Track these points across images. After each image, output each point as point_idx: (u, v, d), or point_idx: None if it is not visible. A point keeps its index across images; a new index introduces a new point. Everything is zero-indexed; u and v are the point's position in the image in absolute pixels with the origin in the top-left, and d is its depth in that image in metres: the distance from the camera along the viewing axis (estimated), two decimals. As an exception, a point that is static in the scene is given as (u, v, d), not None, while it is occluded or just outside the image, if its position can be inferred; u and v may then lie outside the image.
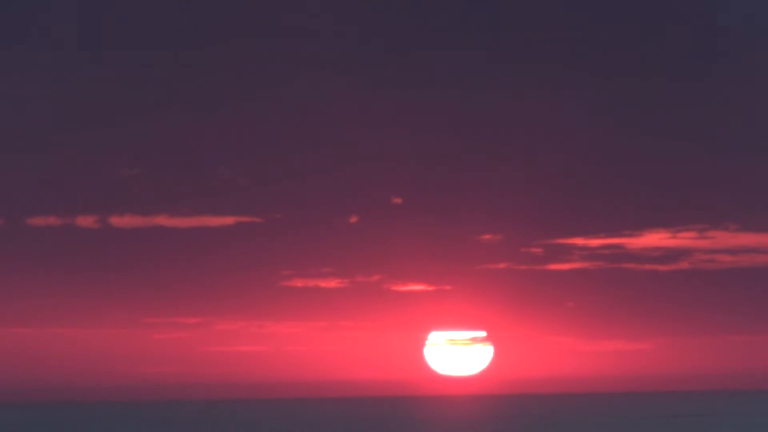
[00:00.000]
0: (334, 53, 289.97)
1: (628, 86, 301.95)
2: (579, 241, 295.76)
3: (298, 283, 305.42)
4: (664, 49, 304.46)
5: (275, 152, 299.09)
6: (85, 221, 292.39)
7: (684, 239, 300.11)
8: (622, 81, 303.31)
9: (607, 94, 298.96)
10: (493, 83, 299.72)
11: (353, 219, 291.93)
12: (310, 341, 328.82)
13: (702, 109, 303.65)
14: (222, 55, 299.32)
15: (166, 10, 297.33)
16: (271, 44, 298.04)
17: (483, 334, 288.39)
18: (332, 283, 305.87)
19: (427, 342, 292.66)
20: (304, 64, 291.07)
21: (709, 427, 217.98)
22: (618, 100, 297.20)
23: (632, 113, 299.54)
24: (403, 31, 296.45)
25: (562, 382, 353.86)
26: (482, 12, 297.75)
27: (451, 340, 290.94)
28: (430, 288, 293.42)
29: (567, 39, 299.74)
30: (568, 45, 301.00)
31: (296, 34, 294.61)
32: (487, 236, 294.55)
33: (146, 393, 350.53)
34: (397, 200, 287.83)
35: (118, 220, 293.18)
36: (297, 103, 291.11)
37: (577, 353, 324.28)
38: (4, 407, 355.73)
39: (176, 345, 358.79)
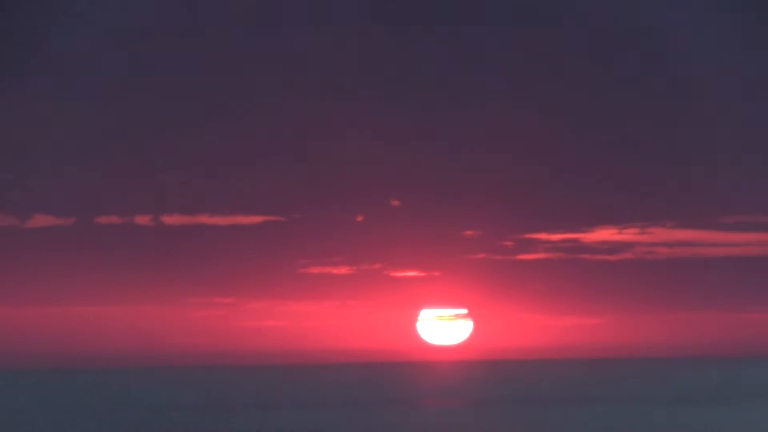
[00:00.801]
0: (340, 81, 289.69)
1: (583, 107, 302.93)
2: (543, 236, 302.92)
3: (314, 270, 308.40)
4: (614, 72, 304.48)
5: (294, 163, 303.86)
6: (142, 220, 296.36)
7: (628, 234, 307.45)
8: (574, 101, 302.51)
9: (569, 113, 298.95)
10: (476, 102, 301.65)
11: (359, 218, 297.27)
12: (323, 317, 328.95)
13: (643, 124, 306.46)
14: (248, 82, 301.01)
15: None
16: (282, 66, 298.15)
17: (464, 311, 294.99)
18: (342, 270, 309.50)
19: (419, 318, 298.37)
20: (314, 92, 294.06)
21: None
22: (573, 119, 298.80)
23: (584, 131, 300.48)
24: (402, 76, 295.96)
25: (530, 351, 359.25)
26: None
27: (439, 316, 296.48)
28: (422, 274, 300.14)
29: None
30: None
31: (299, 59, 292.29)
32: (468, 232, 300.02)
33: (189, 359, 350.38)
34: (395, 203, 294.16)
35: (168, 219, 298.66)
36: (313, 123, 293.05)
37: (542, 327, 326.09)
38: (78, 371, 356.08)
39: (213, 320, 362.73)
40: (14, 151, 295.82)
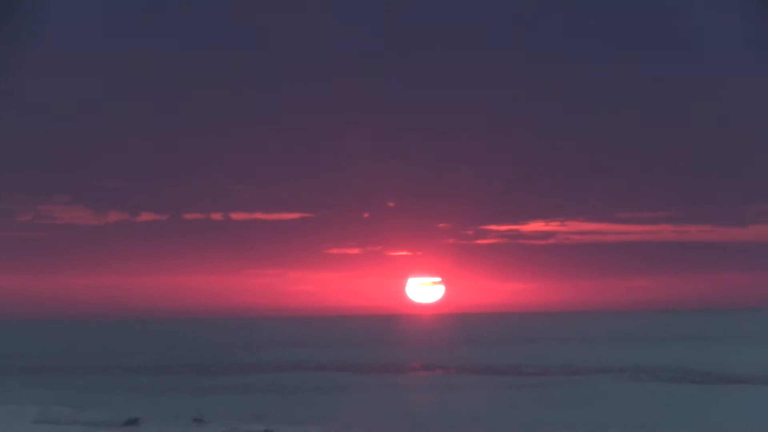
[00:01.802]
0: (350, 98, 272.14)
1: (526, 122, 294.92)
2: (493, 227, 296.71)
3: (334, 251, 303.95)
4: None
5: (320, 175, 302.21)
6: (216, 216, 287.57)
7: (552, 226, 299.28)
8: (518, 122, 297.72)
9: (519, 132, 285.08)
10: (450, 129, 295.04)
11: (366, 215, 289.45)
12: (341, 284, 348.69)
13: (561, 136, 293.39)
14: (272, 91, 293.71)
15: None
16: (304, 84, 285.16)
17: (439, 279, 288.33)
18: (354, 251, 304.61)
19: (407, 284, 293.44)
20: (331, 108, 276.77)
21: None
22: (518, 134, 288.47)
23: (533, 145, 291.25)
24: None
25: (485, 306, 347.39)
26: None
27: (421, 283, 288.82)
28: (410, 253, 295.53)
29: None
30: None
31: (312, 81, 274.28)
32: (442, 224, 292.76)
33: (248, 313, 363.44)
34: (391, 204, 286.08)
35: (234, 215, 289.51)
36: (334, 143, 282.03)
37: (493, 290, 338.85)
38: (172, 321, 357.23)
39: (265, 286, 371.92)
40: (127, 164, 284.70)
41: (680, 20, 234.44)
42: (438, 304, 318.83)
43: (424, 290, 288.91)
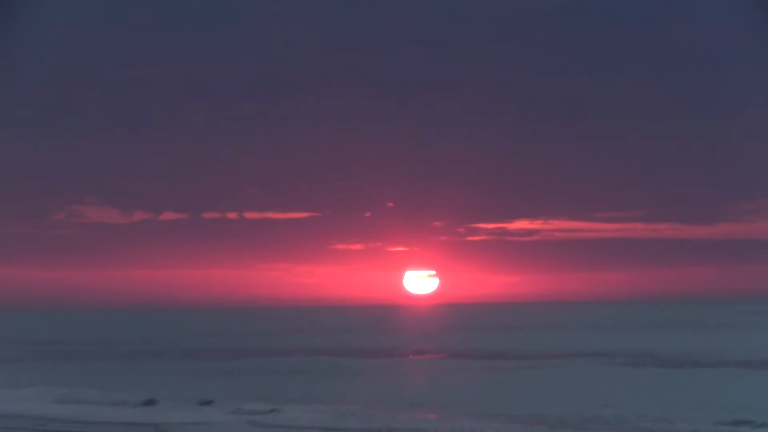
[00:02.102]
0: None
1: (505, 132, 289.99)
2: (482, 225, 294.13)
3: (339, 246, 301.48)
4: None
5: (326, 178, 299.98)
6: (231, 215, 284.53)
7: (536, 224, 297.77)
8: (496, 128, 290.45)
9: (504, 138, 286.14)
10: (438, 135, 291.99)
11: (367, 214, 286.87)
12: (344, 277, 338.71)
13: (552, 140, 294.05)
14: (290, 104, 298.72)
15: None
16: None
17: (433, 272, 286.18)
18: (357, 247, 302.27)
19: (404, 277, 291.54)
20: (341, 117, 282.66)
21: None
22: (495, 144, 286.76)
23: (518, 150, 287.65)
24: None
25: (476, 297, 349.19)
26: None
27: (417, 275, 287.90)
28: (408, 249, 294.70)
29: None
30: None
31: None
32: (437, 223, 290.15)
33: (259, 303, 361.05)
34: (390, 204, 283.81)
35: (248, 215, 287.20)
36: (337, 150, 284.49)
37: (483, 282, 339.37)
38: (191, 310, 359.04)
39: (275, 278, 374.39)
40: (150, 168, 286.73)
41: (655, 33, 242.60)
42: (433, 296, 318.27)
43: (420, 282, 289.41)
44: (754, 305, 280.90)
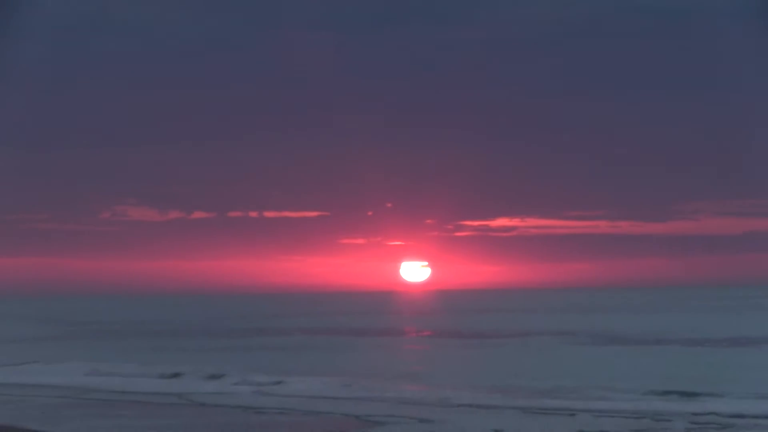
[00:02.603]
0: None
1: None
2: (468, 222, 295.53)
3: (346, 241, 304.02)
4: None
5: (335, 184, 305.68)
6: (253, 214, 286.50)
7: (514, 221, 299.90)
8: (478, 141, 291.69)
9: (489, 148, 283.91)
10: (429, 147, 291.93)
11: (370, 213, 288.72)
12: (351, 266, 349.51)
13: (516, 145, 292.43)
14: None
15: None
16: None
17: (426, 263, 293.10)
18: (360, 241, 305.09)
19: (401, 267, 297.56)
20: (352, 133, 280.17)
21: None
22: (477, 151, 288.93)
23: (499, 157, 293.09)
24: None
25: (463, 284, 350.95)
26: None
27: (412, 266, 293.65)
28: (404, 243, 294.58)
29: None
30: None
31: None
32: (429, 221, 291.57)
33: (277, 289, 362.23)
34: (389, 205, 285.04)
35: (267, 213, 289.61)
36: (346, 160, 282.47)
37: (469, 271, 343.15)
38: (213, 296, 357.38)
39: (291, 269, 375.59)
40: (184, 174, 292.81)
41: (609, 58, 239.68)
42: (425, 283, 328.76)
43: (415, 272, 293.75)
44: (700, 291, 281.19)
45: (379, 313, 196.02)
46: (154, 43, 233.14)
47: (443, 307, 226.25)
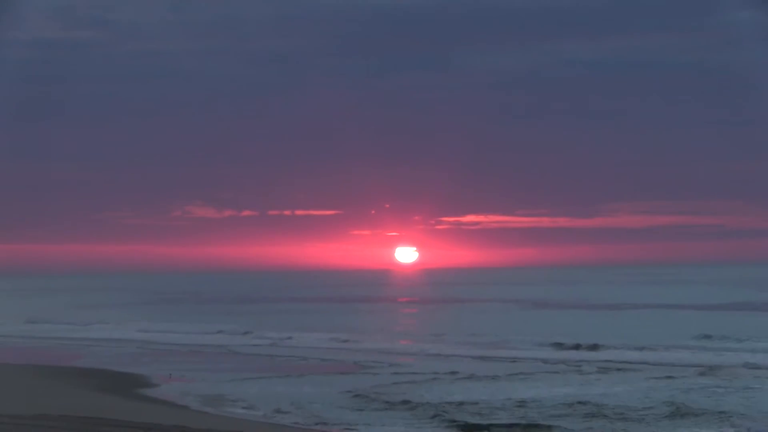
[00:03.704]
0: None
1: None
2: (445, 218, 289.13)
3: (355, 232, 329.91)
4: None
5: (346, 187, 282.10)
6: (287, 212, 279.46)
7: (479, 218, 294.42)
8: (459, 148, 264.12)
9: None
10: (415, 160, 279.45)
11: (373, 211, 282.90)
12: (358, 251, 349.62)
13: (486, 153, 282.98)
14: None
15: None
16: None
17: (414, 248, 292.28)
18: (366, 233, 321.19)
19: (396, 251, 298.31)
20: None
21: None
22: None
23: (471, 167, 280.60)
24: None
25: (441, 264, 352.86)
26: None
27: (404, 251, 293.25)
28: (398, 233, 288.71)
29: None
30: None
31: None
32: (416, 217, 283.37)
33: (302, 269, 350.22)
34: (387, 205, 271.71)
35: (297, 212, 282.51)
36: (354, 169, 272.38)
37: (445, 255, 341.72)
38: (255, 273, 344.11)
39: (312, 252, 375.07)
40: (234, 182, 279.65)
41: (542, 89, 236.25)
42: (414, 264, 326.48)
43: (406, 255, 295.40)
44: (616, 269, 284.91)
45: (377, 285, 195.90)
46: (214, 88, 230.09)
47: (426, 281, 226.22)
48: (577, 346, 51.82)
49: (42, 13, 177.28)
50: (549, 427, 25.66)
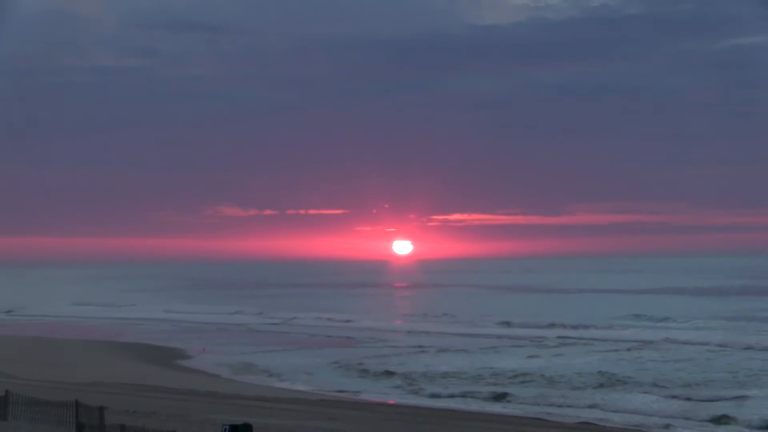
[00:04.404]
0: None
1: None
2: (435, 217, 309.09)
3: (359, 228, 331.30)
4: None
5: (351, 191, 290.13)
6: (302, 211, 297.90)
7: (464, 216, 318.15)
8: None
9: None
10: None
11: (374, 211, 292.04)
12: (361, 244, 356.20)
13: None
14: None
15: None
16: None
17: (409, 242, 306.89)
18: (368, 229, 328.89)
19: (393, 244, 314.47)
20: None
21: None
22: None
23: (456, 173, 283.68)
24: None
25: (431, 256, 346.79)
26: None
27: (401, 244, 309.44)
28: (396, 230, 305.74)
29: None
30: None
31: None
32: (411, 216, 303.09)
33: (313, 260, 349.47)
34: (386, 205, 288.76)
35: (310, 211, 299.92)
36: (361, 176, 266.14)
37: (434, 248, 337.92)
38: (274, 263, 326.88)
39: (322, 245, 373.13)
40: (257, 186, 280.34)
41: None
42: (408, 255, 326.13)
43: (402, 247, 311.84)
44: (579, 260, 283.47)
45: (377, 273, 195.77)
46: (241, 107, 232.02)
47: (419, 269, 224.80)
48: (536, 325, 52.89)
49: (99, 45, 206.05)
50: (504, 394, 26.78)
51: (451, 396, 26.86)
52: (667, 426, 22.16)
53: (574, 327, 51.42)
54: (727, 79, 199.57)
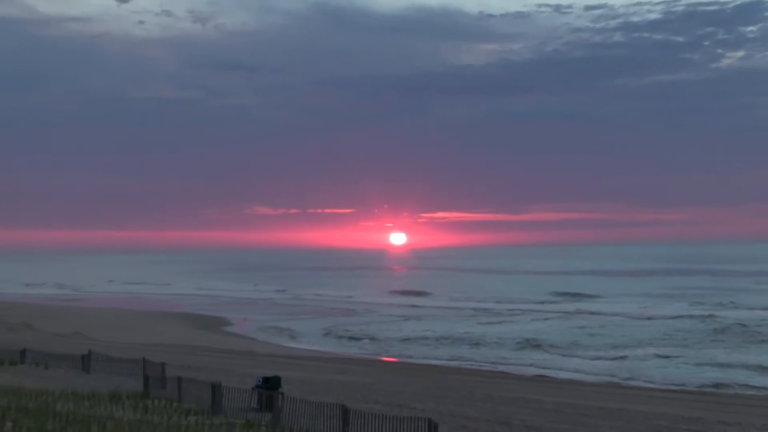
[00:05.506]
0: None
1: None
2: (423, 214, 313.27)
3: (363, 224, 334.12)
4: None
5: (358, 194, 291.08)
6: (320, 210, 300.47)
7: (446, 214, 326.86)
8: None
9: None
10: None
11: (376, 210, 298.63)
12: (365, 237, 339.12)
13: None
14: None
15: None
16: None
17: (403, 234, 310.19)
18: (371, 224, 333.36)
19: (390, 236, 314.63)
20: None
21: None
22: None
23: (441, 177, 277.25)
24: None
25: (422, 246, 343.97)
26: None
27: (397, 236, 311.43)
28: (392, 225, 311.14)
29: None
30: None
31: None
32: (404, 213, 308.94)
33: (328, 248, 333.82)
34: (386, 206, 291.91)
35: (326, 210, 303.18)
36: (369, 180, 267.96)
37: (424, 239, 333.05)
38: (289, 251, 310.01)
39: (334, 237, 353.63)
40: (283, 189, 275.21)
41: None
42: (403, 245, 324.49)
43: (398, 239, 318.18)
44: (536, 249, 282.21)
45: (377, 259, 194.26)
46: (271, 130, 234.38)
47: (411, 256, 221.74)
48: (486, 299, 53.40)
49: (157, 80, 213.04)
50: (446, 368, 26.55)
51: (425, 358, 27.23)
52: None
53: (524, 302, 51.51)
54: (651, 107, 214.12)
